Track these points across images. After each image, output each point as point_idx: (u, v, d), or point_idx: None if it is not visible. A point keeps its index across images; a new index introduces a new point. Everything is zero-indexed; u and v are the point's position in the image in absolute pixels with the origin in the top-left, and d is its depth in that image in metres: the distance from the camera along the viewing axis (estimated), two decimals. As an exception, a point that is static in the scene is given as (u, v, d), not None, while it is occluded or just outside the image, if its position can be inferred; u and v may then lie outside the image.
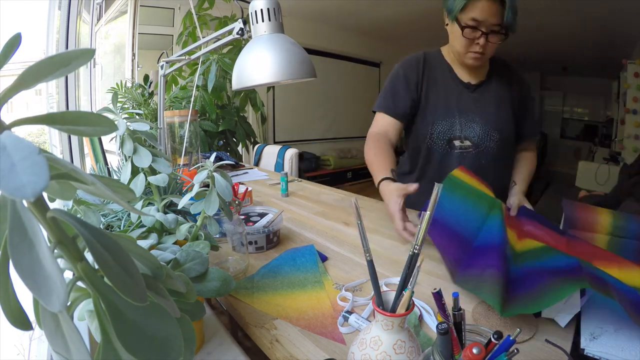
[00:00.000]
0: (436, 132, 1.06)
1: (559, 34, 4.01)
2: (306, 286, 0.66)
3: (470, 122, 1.04)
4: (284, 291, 0.64)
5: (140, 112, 1.78)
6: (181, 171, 0.97)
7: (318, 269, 0.71)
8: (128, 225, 0.54)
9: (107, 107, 0.49)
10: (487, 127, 1.04)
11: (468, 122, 1.04)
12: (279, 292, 0.64)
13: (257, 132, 3.15)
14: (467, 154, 1.06)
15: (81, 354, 0.21)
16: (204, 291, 0.45)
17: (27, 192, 0.15)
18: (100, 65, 2.70)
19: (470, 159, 1.05)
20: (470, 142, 1.05)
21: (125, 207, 0.24)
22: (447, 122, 1.05)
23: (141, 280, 0.23)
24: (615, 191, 2.70)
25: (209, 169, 0.54)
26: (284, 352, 0.50)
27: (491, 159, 1.06)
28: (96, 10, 2.18)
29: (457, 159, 1.06)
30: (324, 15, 3.89)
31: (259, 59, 0.69)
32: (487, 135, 1.04)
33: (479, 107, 1.05)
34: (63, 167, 0.20)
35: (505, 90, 1.07)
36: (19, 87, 0.20)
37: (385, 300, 0.41)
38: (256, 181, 1.52)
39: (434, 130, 1.06)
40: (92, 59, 0.22)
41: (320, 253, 0.79)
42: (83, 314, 0.31)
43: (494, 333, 0.32)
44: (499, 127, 1.05)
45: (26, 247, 0.18)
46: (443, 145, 1.07)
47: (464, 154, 1.06)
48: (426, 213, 0.40)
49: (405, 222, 0.81)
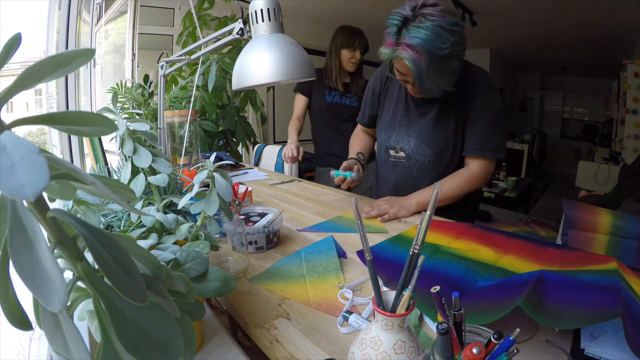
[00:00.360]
0: (380, 139, 1.18)
1: (559, 34, 4.01)
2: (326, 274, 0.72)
3: (408, 135, 1.11)
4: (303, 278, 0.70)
5: (140, 112, 1.78)
6: (181, 171, 0.97)
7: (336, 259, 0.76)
8: (128, 225, 0.54)
9: (107, 107, 0.49)
10: (420, 142, 1.09)
11: (405, 135, 1.12)
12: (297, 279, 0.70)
13: (257, 132, 3.15)
14: (400, 164, 1.15)
15: (81, 354, 0.21)
16: (204, 291, 0.45)
17: (27, 192, 0.15)
18: (100, 65, 2.70)
19: (402, 169, 1.15)
20: (404, 154, 1.12)
21: (125, 207, 0.24)
22: (387, 132, 1.15)
23: (141, 280, 0.23)
24: (615, 191, 2.70)
25: (209, 169, 0.54)
26: (284, 352, 0.50)
27: (422, 172, 1.11)
28: (96, 10, 2.18)
29: (391, 167, 1.17)
30: (324, 15, 3.89)
31: (259, 59, 0.69)
32: (419, 149, 1.10)
33: (419, 123, 1.10)
34: (63, 167, 0.20)
35: (452, 107, 1.05)
36: (19, 87, 0.20)
37: (385, 300, 0.41)
38: (256, 181, 1.52)
39: (379, 138, 1.19)
40: (92, 59, 0.22)
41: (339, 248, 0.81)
42: (83, 314, 0.31)
43: (494, 333, 0.32)
44: (432, 144, 1.08)
45: (26, 247, 0.18)
46: (382, 152, 1.18)
47: (397, 163, 1.15)
48: (426, 213, 0.40)
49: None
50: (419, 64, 0.84)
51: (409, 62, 0.85)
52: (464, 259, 0.73)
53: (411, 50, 0.84)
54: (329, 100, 1.84)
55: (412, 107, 1.10)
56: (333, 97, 1.87)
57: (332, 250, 0.79)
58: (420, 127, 1.08)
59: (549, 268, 0.64)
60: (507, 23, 3.83)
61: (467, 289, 0.62)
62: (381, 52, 0.91)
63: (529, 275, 0.59)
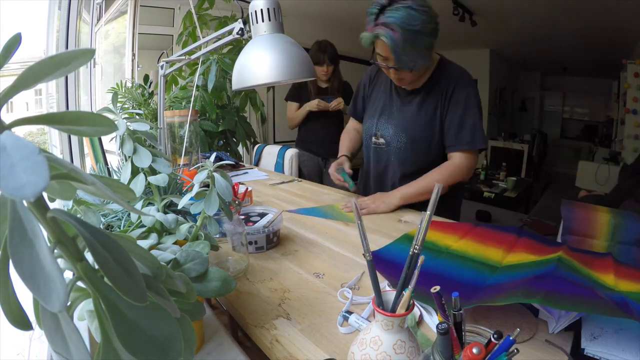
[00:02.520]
0: (365, 127, 1.29)
1: (559, 34, 4.01)
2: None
3: (387, 123, 1.21)
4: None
5: (140, 112, 1.78)
6: (181, 171, 0.97)
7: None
8: (128, 225, 0.54)
9: (107, 107, 0.49)
10: (397, 129, 1.18)
11: (386, 123, 1.22)
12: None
13: (257, 132, 3.14)
14: (381, 150, 1.24)
15: (81, 354, 0.21)
16: (204, 291, 0.45)
17: (27, 192, 0.15)
18: (100, 65, 2.70)
19: (382, 154, 1.25)
20: (384, 140, 1.22)
21: (125, 207, 0.24)
22: (371, 120, 1.26)
23: (141, 280, 0.23)
24: (615, 191, 2.70)
25: (209, 169, 0.54)
26: (284, 352, 0.50)
27: (398, 158, 1.20)
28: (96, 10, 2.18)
29: (373, 152, 1.27)
30: (324, 15, 3.89)
31: (259, 59, 0.69)
32: (397, 136, 1.19)
33: (400, 112, 1.19)
34: (63, 167, 0.20)
35: (432, 99, 1.13)
36: (19, 87, 0.20)
37: (385, 300, 0.41)
38: (256, 181, 1.52)
39: (364, 125, 1.30)
40: (92, 59, 0.22)
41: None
42: (83, 314, 0.31)
43: (494, 333, 0.32)
44: (407, 132, 1.16)
45: (26, 247, 0.18)
46: (367, 140, 1.29)
47: (378, 149, 1.25)
48: (426, 213, 0.40)
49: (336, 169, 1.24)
50: (394, 38, 0.96)
51: (386, 39, 0.96)
52: (470, 260, 0.73)
53: (387, 27, 0.96)
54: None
55: (395, 99, 1.21)
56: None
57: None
58: (400, 116, 1.19)
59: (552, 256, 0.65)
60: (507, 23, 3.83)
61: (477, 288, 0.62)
62: (362, 36, 1.02)
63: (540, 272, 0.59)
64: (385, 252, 0.80)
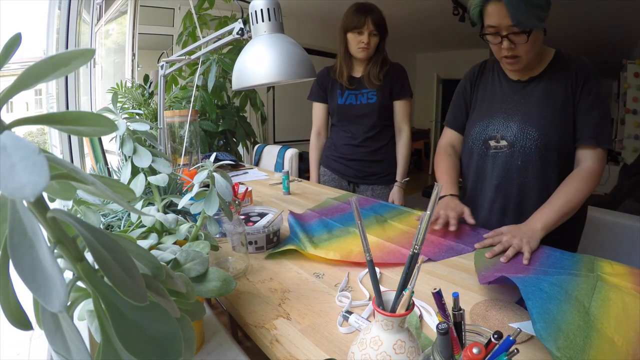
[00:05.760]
0: (474, 134, 1.06)
1: (558, 34, 4.01)
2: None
3: (509, 120, 1.00)
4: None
5: (140, 112, 1.78)
6: (181, 171, 0.97)
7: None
8: (128, 225, 0.54)
9: (107, 107, 0.49)
10: (524, 124, 0.98)
11: (506, 121, 1.01)
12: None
13: (257, 132, 3.15)
14: (501, 154, 1.02)
15: (81, 354, 0.21)
16: (204, 291, 0.45)
17: (27, 192, 0.15)
18: (100, 65, 2.70)
19: (502, 159, 1.01)
20: (506, 142, 1.00)
21: (125, 207, 0.24)
22: (484, 122, 1.05)
23: (141, 280, 0.23)
24: (615, 191, 2.70)
25: (209, 169, 0.54)
26: (284, 352, 0.50)
27: (529, 160, 0.98)
28: (96, 10, 2.18)
29: (491, 160, 1.04)
30: (324, 15, 3.89)
31: (259, 59, 0.69)
32: (524, 133, 0.98)
33: (521, 105, 1.00)
34: (63, 167, 0.20)
35: (557, 87, 0.96)
36: (19, 87, 0.20)
37: (385, 300, 0.41)
38: (256, 181, 1.52)
39: (473, 131, 1.07)
40: (92, 59, 0.22)
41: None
42: (83, 314, 0.31)
43: (494, 333, 0.32)
44: (538, 125, 0.96)
45: (26, 247, 0.18)
46: (480, 147, 1.06)
47: (497, 154, 1.02)
48: (426, 213, 0.40)
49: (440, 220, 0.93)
50: None
51: None
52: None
53: None
54: (340, 102, 1.56)
55: (509, 93, 1.03)
56: (346, 98, 1.55)
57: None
58: (522, 110, 1.00)
59: None
60: (507, 23, 3.82)
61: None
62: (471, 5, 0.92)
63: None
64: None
